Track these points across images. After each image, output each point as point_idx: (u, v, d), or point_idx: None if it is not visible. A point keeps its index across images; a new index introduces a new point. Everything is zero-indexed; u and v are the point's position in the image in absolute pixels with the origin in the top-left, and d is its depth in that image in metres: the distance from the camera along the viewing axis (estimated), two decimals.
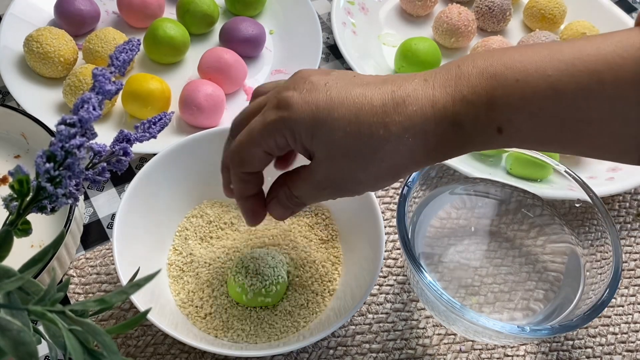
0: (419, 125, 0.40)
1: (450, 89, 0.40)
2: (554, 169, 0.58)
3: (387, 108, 0.40)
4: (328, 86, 0.42)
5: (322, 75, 0.43)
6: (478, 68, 0.40)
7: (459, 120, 0.40)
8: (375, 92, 0.41)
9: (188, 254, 0.58)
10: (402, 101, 0.40)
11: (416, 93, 0.41)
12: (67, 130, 0.35)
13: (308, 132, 0.42)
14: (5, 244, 0.36)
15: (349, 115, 0.41)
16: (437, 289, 0.49)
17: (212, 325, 0.54)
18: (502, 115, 0.40)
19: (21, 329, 0.29)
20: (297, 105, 0.42)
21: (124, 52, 0.41)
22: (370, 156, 0.42)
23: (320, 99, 0.42)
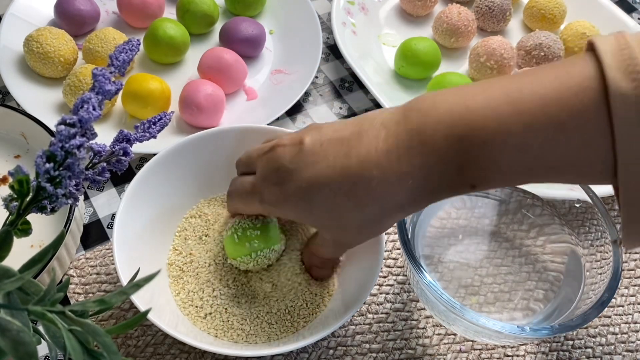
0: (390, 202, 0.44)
1: (416, 159, 0.42)
2: None
3: (357, 193, 0.44)
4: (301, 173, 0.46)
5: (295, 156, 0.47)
6: (442, 133, 0.41)
7: (432, 188, 0.43)
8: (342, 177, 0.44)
9: (188, 254, 0.58)
10: (369, 184, 0.43)
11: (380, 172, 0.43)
12: (67, 130, 0.35)
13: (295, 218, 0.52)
14: (5, 244, 0.36)
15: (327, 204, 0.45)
16: (437, 289, 0.49)
17: (212, 325, 0.54)
18: (474, 176, 0.42)
19: (21, 329, 0.29)
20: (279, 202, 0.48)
21: (124, 52, 0.41)
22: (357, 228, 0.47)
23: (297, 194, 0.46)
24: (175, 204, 0.60)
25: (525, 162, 0.41)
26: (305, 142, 0.46)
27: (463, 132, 0.41)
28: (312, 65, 0.77)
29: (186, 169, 0.60)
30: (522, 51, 0.79)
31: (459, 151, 0.41)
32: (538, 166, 0.41)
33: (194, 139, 0.60)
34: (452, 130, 0.41)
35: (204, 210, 0.61)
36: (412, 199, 0.44)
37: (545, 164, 0.41)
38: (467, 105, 0.41)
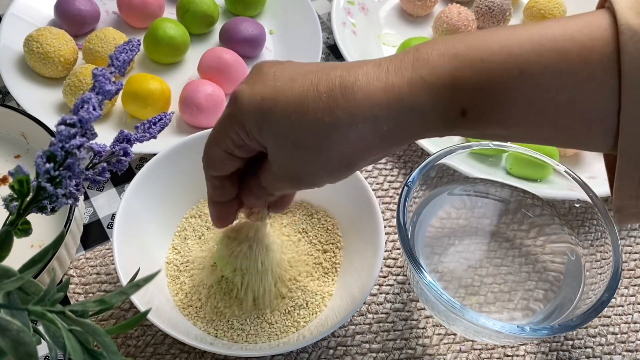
0: (368, 112, 0.38)
1: (407, 72, 0.38)
2: (554, 169, 0.58)
3: (334, 94, 0.38)
4: (276, 75, 0.40)
5: (275, 66, 0.41)
6: (438, 50, 0.38)
7: (417, 104, 0.38)
8: (322, 78, 0.39)
9: (187, 254, 0.58)
10: (351, 86, 0.38)
11: (367, 77, 0.38)
12: (67, 130, 0.35)
13: (255, 124, 0.40)
14: (5, 244, 0.36)
15: (294, 103, 0.39)
16: (437, 289, 0.49)
17: (212, 325, 0.54)
18: (466, 96, 0.38)
19: (21, 329, 0.29)
20: (244, 99, 0.40)
21: (124, 52, 0.41)
22: (318, 145, 0.40)
23: (267, 90, 0.40)
24: (175, 203, 0.60)
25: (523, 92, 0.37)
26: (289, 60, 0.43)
27: (461, 50, 0.38)
28: None
29: (186, 169, 0.60)
30: None
31: (454, 65, 0.38)
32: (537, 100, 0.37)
33: (194, 139, 0.60)
34: (450, 49, 0.38)
35: (203, 210, 0.61)
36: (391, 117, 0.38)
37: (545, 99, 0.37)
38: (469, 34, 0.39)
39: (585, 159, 0.73)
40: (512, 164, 0.61)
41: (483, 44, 0.38)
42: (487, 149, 0.59)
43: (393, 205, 0.68)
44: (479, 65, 0.37)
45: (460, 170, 0.61)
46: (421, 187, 0.58)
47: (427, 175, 0.57)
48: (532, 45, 0.37)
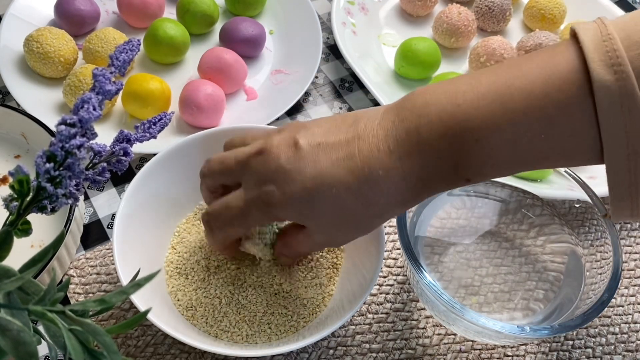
0: (395, 198, 0.45)
1: (416, 159, 0.43)
2: (554, 169, 0.58)
3: (364, 191, 0.44)
4: (302, 173, 0.45)
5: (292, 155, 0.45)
6: (437, 132, 0.43)
7: (431, 184, 0.44)
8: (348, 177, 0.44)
9: (187, 254, 0.58)
10: (376, 183, 0.44)
11: (386, 171, 0.44)
12: (67, 130, 0.35)
13: (298, 219, 0.48)
14: (6, 244, 0.36)
15: (332, 202, 0.45)
16: (437, 289, 0.49)
17: (211, 325, 0.54)
18: (469, 171, 0.43)
19: (21, 329, 0.29)
20: (280, 202, 0.45)
21: (124, 52, 0.41)
22: (358, 225, 0.47)
23: (301, 192, 0.45)
24: (175, 203, 0.60)
25: (516, 155, 0.43)
26: (301, 143, 0.46)
27: (456, 131, 0.42)
28: (312, 65, 0.77)
29: (186, 169, 0.60)
30: (522, 51, 0.79)
31: (454, 149, 0.42)
32: (529, 157, 0.43)
33: (194, 139, 0.60)
34: (446, 130, 0.42)
35: (203, 210, 0.61)
36: (414, 194, 0.45)
37: (536, 155, 0.43)
38: (458, 104, 0.42)
39: None
40: None
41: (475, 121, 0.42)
42: None
43: None
44: (475, 146, 0.42)
45: None
46: None
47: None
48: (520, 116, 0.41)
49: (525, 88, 0.41)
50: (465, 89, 0.43)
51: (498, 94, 0.42)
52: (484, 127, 0.42)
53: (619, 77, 0.39)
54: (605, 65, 0.39)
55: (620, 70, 0.39)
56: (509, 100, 0.41)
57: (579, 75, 0.40)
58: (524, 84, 0.41)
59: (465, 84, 0.43)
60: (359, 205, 0.45)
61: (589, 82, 0.40)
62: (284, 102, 0.73)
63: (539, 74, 0.41)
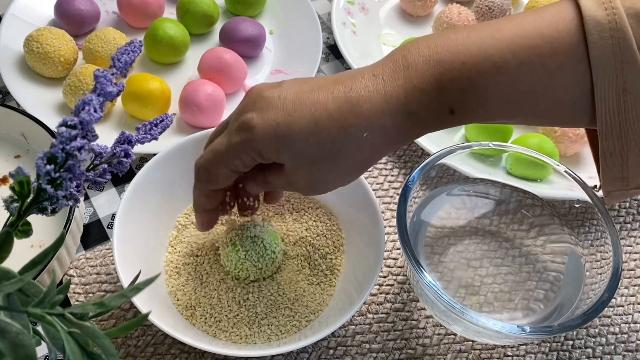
0: (376, 122, 0.42)
1: (400, 80, 0.42)
2: (554, 169, 0.58)
3: (343, 112, 0.42)
4: (282, 99, 0.44)
5: (275, 89, 0.45)
6: (424, 56, 0.42)
7: (413, 109, 0.42)
8: (328, 97, 0.43)
9: (187, 254, 0.58)
10: (357, 102, 0.42)
11: (368, 91, 0.42)
12: (68, 132, 0.35)
13: (273, 149, 0.44)
14: (6, 245, 0.36)
15: (309, 125, 0.43)
16: (437, 289, 0.49)
17: (211, 325, 0.54)
18: (452, 98, 0.42)
19: (20, 331, 0.29)
20: (258, 126, 0.44)
21: (126, 54, 0.41)
22: (336, 158, 0.44)
23: (279, 115, 0.43)
24: (175, 203, 0.60)
25: (502, 87, 0.42)
26: (286, 80, 0.46)
27: (443, 55, 0.42)
28: (312, 65, 0.77)
29: (186, 169, 0.60)
30: None
31: (439, 72, 0.42)
32: (515, 93, 0.42)
33: (194, 139, 0.60)
34: (434, 55, 0.42)
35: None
36: (395, 123, 0.43)
37: (522, 91, 0.42)
38: (448, 36, 0.43)
39: (586, 159, 0.73)
40: (512, 164, 0.61)
41: (464, 47, 0.42)
42: (487, 149, 0.59)
43: (393, 205, 0.68)
44: (460, 68, 0.41)
45: (460, 170, 0.61)
46: (421, 187, 0.58)
47: (427, 175, 0.57)
48: (507, 44, 0.41)
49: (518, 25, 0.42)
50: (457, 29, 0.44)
51: (488, 29, 0.42)
52: (471, 51, 0.41)
53: (609, 13, 0.39)
54: (596, 2, 0.40)
55: (610, 6, 0.39)
56: (499, 34, 0.42)
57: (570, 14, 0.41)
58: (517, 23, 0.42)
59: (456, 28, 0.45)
60: (337, 128, 0.43)
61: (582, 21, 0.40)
62: None
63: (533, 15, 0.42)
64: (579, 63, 0.40)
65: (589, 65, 0.40)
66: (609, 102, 0.40)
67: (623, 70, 0.39)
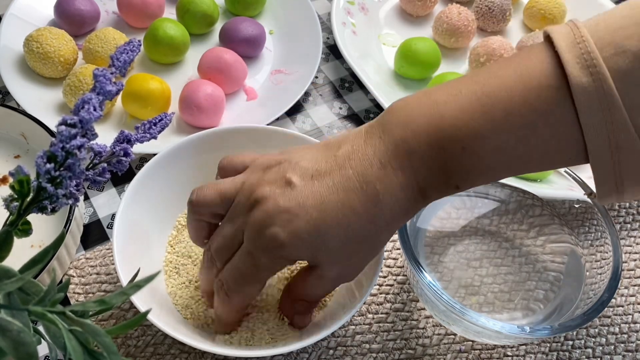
0: (398, 209, 0.45)
1: (409, 169, 0.44)
2: (553, 170, 0.58)
3: (369, 209, 0.44)
4: (302, 206, 0.44)
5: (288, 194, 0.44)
6: (424, 143, 0.44)
7: (425, 193, 0.45)
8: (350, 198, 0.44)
9: (186, 254, 0.58)
10: (376, 196, 0.44)
11: (385, 186, 0.44)
12: (67, 130, 0.35)
13: (309, 255, 0.46)
14: (6, 245, 0.36)
15: (341, 229, 0.44)
16: (437, 289, 0.49)
17: (211, 325, 0.54)
18: (458, 179, 0.45)
19: (21, 329, 0.29)
20: (288, 242, 0.44)
21: (125, 53, 0.41)
22: (371, 245, 0.47)
23: (307, 226, 0.44)
24: (175, 204, 0.60)
25: (502, 161, 0.44)
26: (294, 180, 0.45)
27: (443, 142, 0.44)
28: (312, 65, 0.77)
29: (186, 169, 0.60)
30: None
31: (442, 158, 0.44)
32: (515, 162, 0.45)
33: (194, 139, 0.60)
34: (433, 141, 0.44)
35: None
36: (413, 204, 0.45)
37: (521, 160, 0.44)
38: (441, 115, 0.44)
39: None
40: None
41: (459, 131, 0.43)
42: None
43: None
44: (461, 154, 0.43)
45: None
46: None
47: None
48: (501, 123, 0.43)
49: (505, 96, 0.43)
50: (447, 99, 0.44)
51: (479, 104, 0.43)
52: (469, 136, 0.43)
53: (595, 78, 0.40)
54: (582, 67, 0.41)
55: (596, 71, 0.40)
56: (490, 109, 0.43)
57: (556, 80, 0.42)
58: (503, 93, 0.43)
59: (446, 94, 0.45)
60: (366, 223, 0.44)
61: (567, 85, 0.41)
62: (284, 102, 0.73)
63: (517, 80, 0.43)
64: (572, 127, 0.42)
65: (580, 129, 0.41)
66: (603, 159, 0.42)
67: (614, 131, 0.41)
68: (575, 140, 0.42)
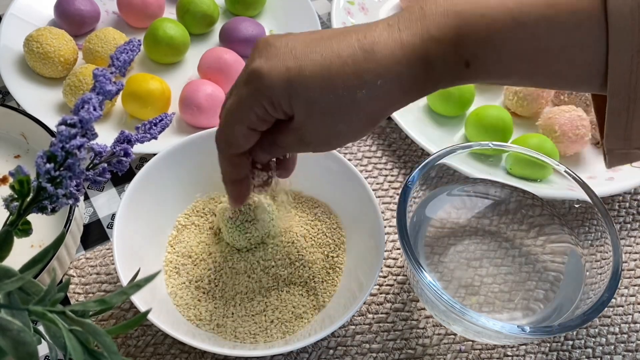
0: (391, 69, 0.41)
1: (417, 29, 0.41)
2: (554, 169, 0.58)
3: (357, 58, 0.41)
4: (291, 46, 0.42)
5: (282, 38, 0.43)
6: (441, 7, 0.41)
7: (429, 59, 0.41)
8: (341, 44, 0.41)
9: (186, 254, 0.58)
10: (371, 48, 0.41)
11: (383, 38, 0.41)
12: (67, 130, 0.35)
13: (284, 96, 0.42)
14: (6, 244, 0.36)
15: (321, 72, 0.41)
16: (437, 289, 0.49)
17: (211, 325, 0.54)
18: (469, 50, 0.41)
19: (21, 329, 0.29)
20: (267, 73, 0.42)
21: (125, 53, 0.41)
22: (349, 107, 0.42)
23: (289, 61, 0.42)
24: (175, 203, 0.60)
25: (519, 42, 0.41)
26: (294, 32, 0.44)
27: (463, 7, 0.41)
28: None
29: (186, 169, 0.60)
30: None
31: (457, 22, 0.41)
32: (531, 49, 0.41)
33: (194, 139, 0.60)
34: (452, 6, 0.41)
35: (201, 209, 0.61)
36: (410, 72, 0.42)
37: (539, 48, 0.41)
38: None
39: (585, 159, 0.73)
40: (512, 164, 0.61)
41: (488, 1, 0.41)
42: (487, 149, 0.59)
43: (393, 205, 0.68)
44: (479, 20, 0.40)
45: (460, 170, 0.61)
46: (421, 187, 0.58)
47: (427, 175, 0.57)
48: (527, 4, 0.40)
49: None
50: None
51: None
52: (491, 4, 0.41)
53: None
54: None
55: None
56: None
57: None
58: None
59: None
60: (351, 75, 0.41)
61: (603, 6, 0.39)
62: None
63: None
64: (596, 23, 0.39)
65: (606, 27, 0.39)
66: (622, 62, 0.39)
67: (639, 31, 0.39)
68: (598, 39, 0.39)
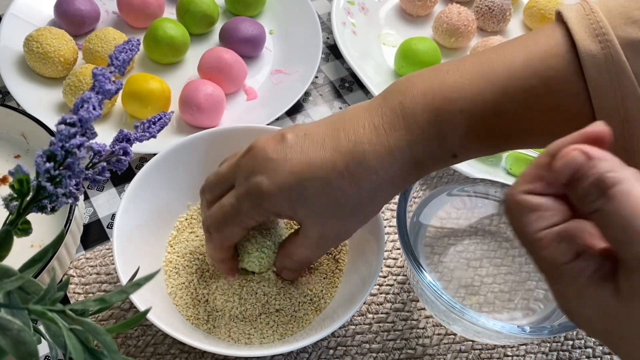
0: (384, 174, 0.44)
1: (402, 131, 0.43)
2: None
3: (352, 169, 0.44)
4: (289, 161, 0.45)
5: (279, 148, 0.46)
6: (421, 105, 0.43)
7: (418, 159, 0.44)
8: (335, 156, 0.44)
9: (186, 254, 0.58)
10: (363, 157, 0.43)
11: (372, 144, 0.44)
12: (67, 129, 0.35)
13: (289, 209, 0.46)
14: (6, 244, 0.36)
15: (321, 185, 0.44)
16: (437, 289, 0.49)
17: (211, 325, 0.54)
18: (454, 144, 0.44)
19: (21, 328, 0.29)
20: (269, 191, 0.45)
21: (124, 52, 0.41)
22: (353, 210, 0.46)
23: (289, 179, 0.44)
24: (175, 203, 0.60)
25: (501, 128, 0.43)
26: (287, 136, 0.46)
27: (440, 104, 0.43)
28: (312, 65, 0.77)
29: (186, 169, 0.60)
30: None
31: (438, 122, 0.43)
32: (514, 131, 0.43)
33: (194, 139, 0.60)
34: (430, 104, 0.43)
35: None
36: (402, 172, 0.44)
37: (520, 128, 0.43)
38: (442, 80, 0.43)
39: None
40: (512, 164, 0.61)
41: (459, 94, 0.43)
42: None
43: (393, 205, 0.68)
44: (458, 116, 0.42)
45: (460, 170, 0.61)
46: (421, 187, 0.58)
47: (427, 175, 0.57)
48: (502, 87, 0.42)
49: (508, 61, 0.42)
50: (450, 68, 0.44)
51: (482, 68, 0.43)
52: (467, 97, 0.42)
53: (604, 46, 0.40)
54: (590, 36, 0.40)
55: (604, 39, 0.40)
56: (491, 73, 0.42)
57: (563, 48, 0.41)
58: (507, 59, 0.43)
59: (450, 65, 0.45)
60: (349, 185, 0.44)
61: (575, 55, 0.40)
62: (284, 102, 0.73)
63: (523, 49, 0.43)
64: (577, 97, 0.41)
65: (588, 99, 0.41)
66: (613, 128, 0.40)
67: (623, 101, 0.40)
68: (579, 111, 0.41)
